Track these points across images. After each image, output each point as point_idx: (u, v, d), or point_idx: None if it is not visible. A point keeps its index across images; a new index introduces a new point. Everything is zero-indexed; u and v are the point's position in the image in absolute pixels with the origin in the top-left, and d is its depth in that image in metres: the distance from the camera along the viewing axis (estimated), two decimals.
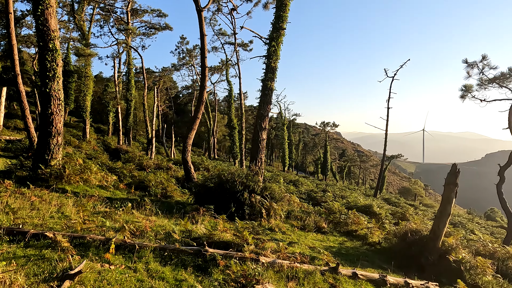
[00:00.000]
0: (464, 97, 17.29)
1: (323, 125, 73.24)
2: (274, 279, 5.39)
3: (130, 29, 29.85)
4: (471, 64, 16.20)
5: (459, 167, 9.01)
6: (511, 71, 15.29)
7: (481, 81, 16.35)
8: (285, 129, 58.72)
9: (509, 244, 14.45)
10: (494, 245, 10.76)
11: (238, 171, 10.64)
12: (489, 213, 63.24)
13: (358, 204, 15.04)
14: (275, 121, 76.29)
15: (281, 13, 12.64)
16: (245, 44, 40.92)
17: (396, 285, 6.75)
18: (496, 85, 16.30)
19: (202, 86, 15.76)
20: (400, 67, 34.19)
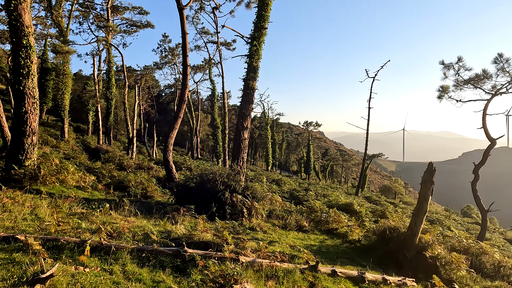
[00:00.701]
0: (441, 98, 17.77)
1: (306, 125, 73.85)
2: (253, 278, 5.39)
3: (110, 26, 29.23)
4: (447, 65, 16.66)
5: (436, 166, 9.25)
6: (484, 73, 15.81)
7: (457, 82, 16.85)
8: (269, 129, 58.85)
9: (483, 239, 14.97)
10: (468, 241, 11.11)
11: (220, 171, 10.59)
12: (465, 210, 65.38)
13: (339, 203, 15.24)
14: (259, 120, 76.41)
15: (262, 13, 12.65)
16: (228, 43, 40.77)
17: (374, 281, 6.87)
18: (471, 86, 16.83)
19: (184, 85, 15.61)
20: (381, 68, 34.81)
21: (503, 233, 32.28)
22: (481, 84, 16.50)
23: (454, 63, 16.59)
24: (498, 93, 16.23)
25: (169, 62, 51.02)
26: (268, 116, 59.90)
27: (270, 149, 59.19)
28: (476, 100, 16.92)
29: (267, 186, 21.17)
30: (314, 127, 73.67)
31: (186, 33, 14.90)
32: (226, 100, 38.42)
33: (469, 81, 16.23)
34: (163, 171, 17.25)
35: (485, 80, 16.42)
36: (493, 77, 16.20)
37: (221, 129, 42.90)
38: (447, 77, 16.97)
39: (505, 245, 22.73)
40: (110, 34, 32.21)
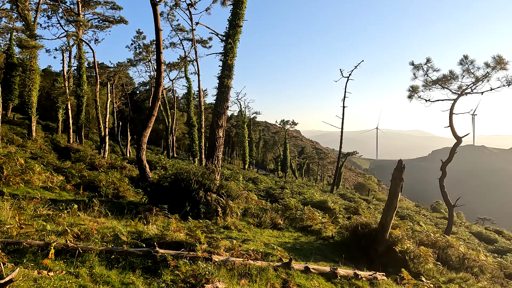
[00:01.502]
0: (411, 97, 18.36)
1: (283, 123, 74.46)
2: (226, 277, 5.37)
3: (80, 21, 28.20)
4: (417, 66, 17.24)
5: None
6: (451, 74, 16.48)
7: (426, 82, 17.47)
8: (246, 127, 58.84)
9: (450, 233, 15.63)
10: (436, 235, 11.55)
11: (194, 170, 10.46)
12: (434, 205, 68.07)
13: (314, 200, 15.46)
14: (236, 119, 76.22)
15: (237, 10, 12.59)
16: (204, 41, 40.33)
17: (346, 277, 7.02)
18: (439, 86, 17.50)
19: (157, 83, 15.30)
20: (355, 68, 35.59)
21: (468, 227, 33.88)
22: (448, 85, 17.19)
23: (423, 64, 17.19)
24: (463, 93, 16.96)
25: (143, 59, 49.90)
26: (245, 115, 59.86)
27: (247, 147, 59.24)
28: (444, 100, 17.62)
29: (243, 184, 21.16)
30: (290, 125, 74.44)
31: (160, 30, 14.60)
32: (202, 98, 38.02)
33: (437, 82, 16.86)
34: (137, 171, 16.87)
35: (451, 81, 17.11)
36: (459, 78, 16.92)
37: (197, 127, 42.46)
38: (416, 78, 17.55)
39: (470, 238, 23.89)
40: (81, 29, 31.08)
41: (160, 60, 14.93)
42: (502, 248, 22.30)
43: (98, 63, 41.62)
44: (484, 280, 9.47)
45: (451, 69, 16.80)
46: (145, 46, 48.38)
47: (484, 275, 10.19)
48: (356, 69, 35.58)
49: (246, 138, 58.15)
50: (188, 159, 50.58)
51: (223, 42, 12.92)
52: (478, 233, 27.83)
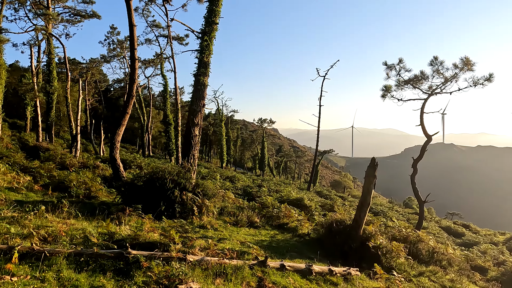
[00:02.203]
0: (384, 97, 18.86)
1: (261, 122, 74.58)
2: (201, 277, 5.31)
3: (50, 14, 27.04)
4: (390, 66, 17.71)
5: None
6: (422, 74, 17.04)
7: (398, 82, 17.99)
8: (223, 126, 58.51)
9: (420, 228, 16.19)
10: (407, 230, 11.93)
11: (169, 168, 10.29)
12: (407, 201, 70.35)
13: (290, 198, 15.60)
14: (213, 117, 75.68)
15: (213, 7, 12.46)
16: (181, 38, 39.72)
17: (321, 273, 7.11)
18: (411, 86, 18.06)
19: (131, 80, 14.93)
20: (331, 67, 36.15)
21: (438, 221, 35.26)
22: (419, 85, 17.77)
23: (395, 64, 17.68)
24: (433, 93, 17.59)
25: (118, 55, 48.50)
26: (222, 113, 59.53)
27: (225, 146, 58.94)
28: (415, 99, 18.22)
29: (221, 183, 21.04)
30: (268, 124, 74.67)
31: (134, 25, 14.23)
32: (179, 96, 37.41)
33: (409, 82, 17.40)
34: (110, 170, 16.39)
35: (422, 81, 17.71)
36: (430, 78, 17.54)
37: (173, 125, 41.82)
38: (389, 77, 18.04)
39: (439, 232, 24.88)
40: (50, 23, 29.79)
41: (134, 57, 14.57)
42: (469, 241, 23.38)
43: (70, 59, 40.16)
44: (452, 273, 9.88)
45: (422, 70, 17.40)
46: (119, 42, 47.07)
47: (452, 267, 10.63)
48: (332, 68, 36.15)
49: (223, 137, 57.84)
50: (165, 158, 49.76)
51: (199, 39, 12.76)
52: (447, 227, 29.02)
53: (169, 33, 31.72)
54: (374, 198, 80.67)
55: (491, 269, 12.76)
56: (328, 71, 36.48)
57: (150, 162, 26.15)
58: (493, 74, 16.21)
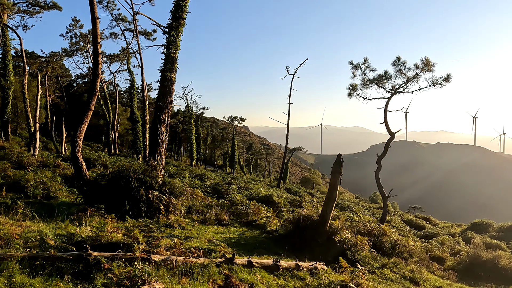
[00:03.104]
0: (351, 95, 19.38)
1: (231, 119, 74.30)
2: (166, 277, 5.19)
3: (4, 3, 25.36)
4: (356, 65, 18.21)
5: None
6: (386, 74, 17.67)
7: (364, 81, 18.55)
8: (193, 123, 57.74)
9: (384, 222, 16.83)
10: (371, 224, 12.35)
11: (135, 166, 9.99)
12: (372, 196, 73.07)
13: (260, 195, 15.68)
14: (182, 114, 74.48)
15: (181, 2, 12.18)
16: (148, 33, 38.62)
17: (288, 268, 7.20)
18: (375, 85, 18.68)
19: (94, 75, 14.32)
20: (300, 66, 36.66)
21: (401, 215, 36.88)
22: (383, 84, 18.42)
23: (361, 63, 18.20)
24: (396, 92, 18.31)
25: (80, 49, 46.31)
26: (192, 110, 58.71)
27: (195, 143, 58.20)
28: (379, 98, 18.87)
29: (189, 181, 20.76)
30: (238, 121, 74.55)
31: (96, 18, 13.65)
32: (146, 93, 36.40)
33: (374, 81, 17.99)
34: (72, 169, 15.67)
35: (386, 80, 18.37)
36: (393, 78, 18.23)
37: (141, 123, 40.67)
38: (355, 76, 18.56)
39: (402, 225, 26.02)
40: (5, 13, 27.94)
41: (98, 51, 13.99)
42: (429, 233, 24.64)
43: (27, 52, 37.87)
44: (412, 263, 10.36)
45: (385, 70, 18.05)
46: (82, 36, 44.96)
47: (413, 258, 11.15)
48: (301, 67, 36.67)
49: (193, 134, 57.09)
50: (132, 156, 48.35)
51: (166, 34, 12.45)
52: (409, 220, 30.42)
53: (136, 27, 30.72)
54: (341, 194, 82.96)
55: (448, 259, 13.51)
56: (297, 69, 36.96)
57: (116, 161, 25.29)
58: (451, 75, 17.13)
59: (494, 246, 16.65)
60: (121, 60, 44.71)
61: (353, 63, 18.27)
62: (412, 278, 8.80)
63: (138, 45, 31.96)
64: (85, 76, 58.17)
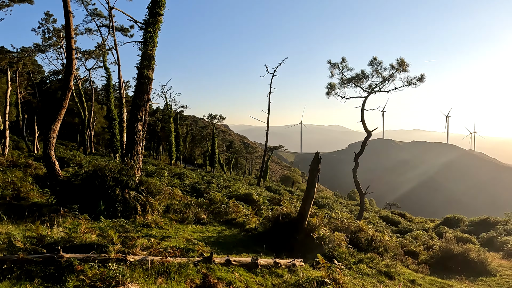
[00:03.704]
0: (329, 94, 19.68)
1: (211, 118, 73.81)
2: (142, 277, 5.10)
3: None
4: (334, 65, 18.50)
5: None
6: (363, 73, 18.05)
7: (342, 80, 18.88)
8: (172, 121, 56.92)
9: (361, 218, 17.23)
10: (349, 221, 12.61)
11: (111, 165, 9.76)
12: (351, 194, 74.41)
13: (239, 193, 15.67)
14: (161, 112, 73.40)
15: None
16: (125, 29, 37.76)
17: (267, 266, 7.23)
18: (353, 85, 19.05)
19: (68, 71, 13.85)
20: (279, 64, 36.83)
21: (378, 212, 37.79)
22: (360, 83, 18.83)
23: (339, 63, 18.51)
24: (373, 91, 18.74)
25: (54, 45, 44.69)
26: (171, 109, 57.88)
27: (174, 142, 57.41)
28: (357, 97, 19.28)
29: (168, 180, 20.46)
30: (218, 120, 74.16)
31: (70, 12, 13.20)
32: (123, 90, 35.64)
33: (351, 80, 18.34)
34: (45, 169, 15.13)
35: (363, 80, 18.78)
36: (370, 77, 18.66)
37: (118, 121, 39.80)
38: (333, 76, 18.87)
39: (378, 222, 26.65)
40: None
41: (71, 47, 13.53)
42: (404, 228, 25.35)
43: None
44: (388, 258, 10.63)
45: (363, 69, 18.45)
46: (55, 31, 43.40)
47: (388, 253, 11.45)
48: (280, 65, 36.85)
49: (172, 133, 56.29)
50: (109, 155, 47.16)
51: (143, 31, 12.20)
52: (385, 217, 31.19)
53: (112, 23, 29.98)
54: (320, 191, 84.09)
55: (422, 253, 13.95)
56: (277, 68, 37.13)
57: (91, 160, 24.59)
58: (424, 75, 17.69)
59: (465, 240, 17.34)
60: (97, 56, 43.51)
61: (331, 62, 18.55)
62: (387, 272, 9.04)
63: (114, 41, 31.20)
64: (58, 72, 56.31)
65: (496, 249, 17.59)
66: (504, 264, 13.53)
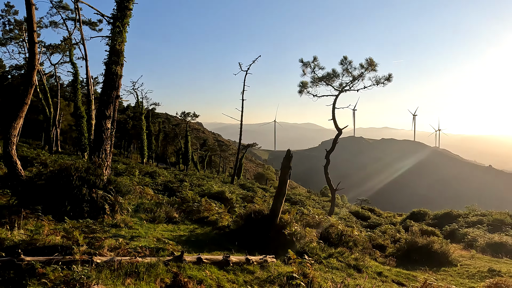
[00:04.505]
0: (301, 92, 19.95)
1: (184, 115, 72.83)
2: (109, 278, 4.98)
3: None
4: (305, 63, 18.77)
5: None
6: (334, 72, 18.43)
7: (313, 79, 19.20)
8: (143, 119, 55.70)
9: (332, 214, 17.64)
10: (320, 217, 12.89)
11: (77, 164, 9.41)
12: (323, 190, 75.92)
13: (212, 191, 15.59)
14: (132, 110, 71.51)
15: None
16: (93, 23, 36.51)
17: (238, 263, 7.26)
18: (324, 83, 19.41)
19: (30, 66, 13.19)
20: (253, 62, 36.92)
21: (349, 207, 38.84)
22: (331, 82, 19.23)
23: (311, 61, 18.80)
24: (343, 90, 19.19)
25: (15, 38, 42.41)
26: (142, 106, 56.59)
27: (146, 140, 56.21)
28: (328, 95, 19.68)
29: (139, 179, 20.03)
30: (192, 118, 73.32)
31: (32, 4, 12.54)
32: (92, 87, 34.39)
33: (322, 79, 18.68)
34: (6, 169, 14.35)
35: (334, 79, 19.19)
36: (340, 77, 19.09)
37: (86, 118, 38.41)
38: (305, 74, 19.15)
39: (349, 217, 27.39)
40: None
41: (34, 40, 12.88)
42: (373, 223, 26.23)
43: None
44: (357, 252, 10.97)
45: (333, 68, 18.84)
46: (17, 23, 41.19)
47: (357, 247, 11.81)
48: (254, 63, 36.94)
49: (144, 131, 55.09)
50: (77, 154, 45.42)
51: (111, 25, 11.81)
52: (356, 212, 32.11)
53: (79, 16, 28.86)
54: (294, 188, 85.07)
55: (389, 246, 14.51)
56: (250, 66, 37.18)
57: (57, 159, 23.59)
58: (392, 74, 18.35)
59: (429, 232, 18.19)
60: (63, 51, 41.68)
61: (303, 61, 18.81)
62: (356, 265, 9.33)
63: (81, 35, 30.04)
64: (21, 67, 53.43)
65: (458, 240, 18.60)
66: (464, 255, 14.31)
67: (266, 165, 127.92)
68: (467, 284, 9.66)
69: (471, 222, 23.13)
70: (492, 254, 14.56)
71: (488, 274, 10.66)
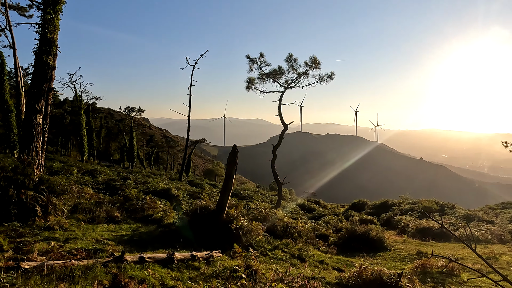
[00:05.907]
0: (249, 88, 20.12)
1: (128, 111, 69.49)
2: (39, 284, 4.64)
3: None
4: (252, 59, 18.95)
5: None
6: (280, 69, 18.85)
7: (260, 75, 19.46)
8: (83, 114, 52.20)
9: (279, 207, 18.13)
10: (266, 210, 13.18)
11: (2, 163, 8.57)
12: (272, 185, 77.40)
13: (157, 189, 15.16)
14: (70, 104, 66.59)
15: None
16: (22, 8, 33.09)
17: (183, 260, 7.17)
18: (271, 80, 19.77)
19: None
20: (200, 57, 36.33)
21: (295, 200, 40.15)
22: (278, 78, 19.64)
23: (257, 58, 19.02)
24: (289, 86, 19.71)
25: None
26: (81, 100, 52.96)
27: (86, 137, 52.78)
28: (274, 91, 20.08)
29: (78, 178, 18.75)
30: (137, 113, 70.21)
31: None
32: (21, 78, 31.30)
33: (269, 75, 19.01)
34: None
35: (280, 75, 19.63)
36: (286, 73, 19.58)
37: (15, 113, 34.91)
38: (252, 70, 19.34)
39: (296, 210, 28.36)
40: None
41: None
42: (318, 214, 27.45)
43: None
44: (301, 243, 11.41)
45: (280, 65, 19.26)
46: None
47: (302, 238, 12.29)
48: (202, 58, 36.37)
49: (83, 126, 51.67)
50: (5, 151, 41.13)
51: (41, 11, 10.83)
52: (302, 204, 33.33)
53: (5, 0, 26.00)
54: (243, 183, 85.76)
55: (332, 236, 15.30)
56: (198, 60, 36.52)
57: None
58: (334, 72, 19.23)
59: (368, 221, 19.53)
60: None
61: (250, 57, 18.96)
62: (299, 255, 9.72)
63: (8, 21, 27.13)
64: None
65: (393, 227, 20.21)
66: (397, 240, 15.60)
67: (215, 161, 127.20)
68: (399, 266, 10.56)
69: (404, 210, 25.24)
70: (421, 238, 16.04)
71: (417, 256, 11.76)
